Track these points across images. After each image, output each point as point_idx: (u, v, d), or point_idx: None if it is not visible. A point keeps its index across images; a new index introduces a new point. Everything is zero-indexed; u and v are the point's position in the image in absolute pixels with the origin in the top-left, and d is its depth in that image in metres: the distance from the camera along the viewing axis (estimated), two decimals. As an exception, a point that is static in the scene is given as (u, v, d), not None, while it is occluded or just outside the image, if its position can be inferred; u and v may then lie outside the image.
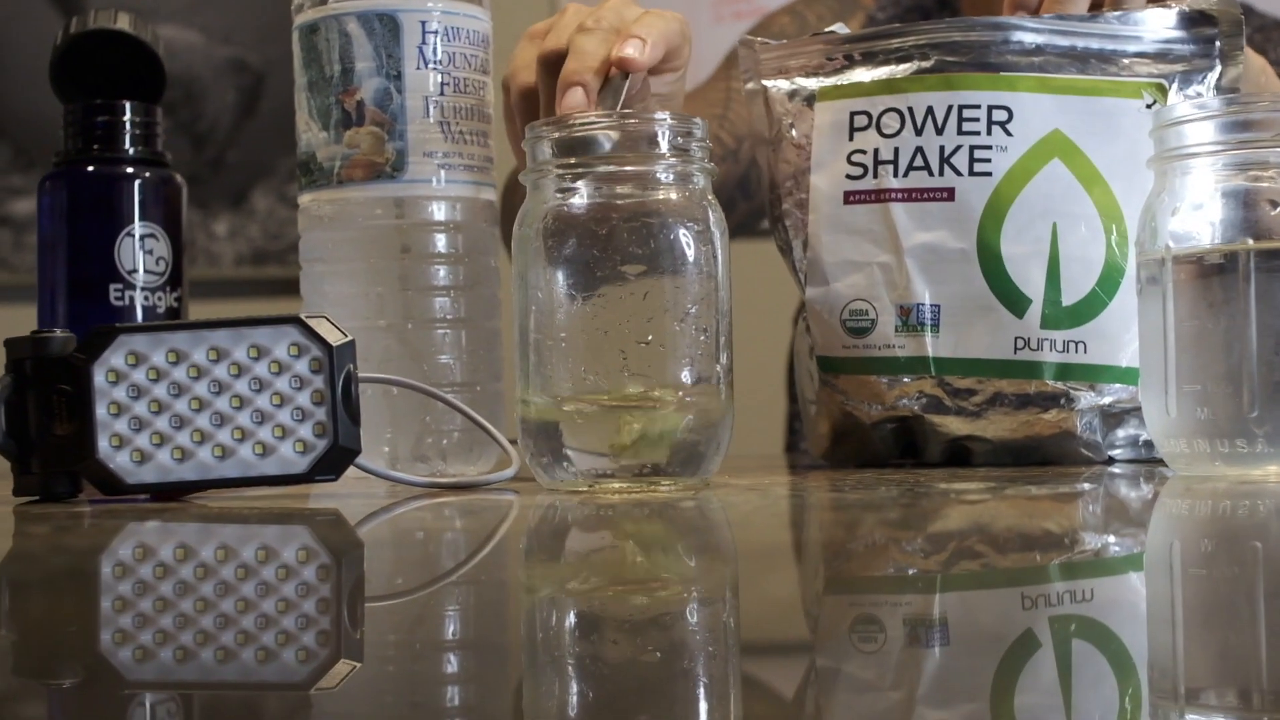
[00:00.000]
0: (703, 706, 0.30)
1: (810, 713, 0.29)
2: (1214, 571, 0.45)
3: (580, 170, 0.67)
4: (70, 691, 0.31)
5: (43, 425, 0.64)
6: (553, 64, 0.76)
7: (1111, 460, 0.80)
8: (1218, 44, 0.81)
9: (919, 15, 1.21)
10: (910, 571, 0.45)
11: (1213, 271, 0.66)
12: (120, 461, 0.64)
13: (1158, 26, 0.81)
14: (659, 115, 0.68)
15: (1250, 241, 0.65)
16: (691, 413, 0.66)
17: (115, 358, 0.64)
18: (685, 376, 0.66)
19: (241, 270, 2.41)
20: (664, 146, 0.67)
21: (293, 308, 0.79)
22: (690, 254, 0.66)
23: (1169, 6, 0.81)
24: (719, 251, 0.67)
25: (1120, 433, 0.79)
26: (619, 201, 0.66)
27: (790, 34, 1.19)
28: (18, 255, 2.43)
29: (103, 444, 0.63)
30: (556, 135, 0.67)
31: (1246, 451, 0.65)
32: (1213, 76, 0.81)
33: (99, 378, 0.64)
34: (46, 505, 0.65)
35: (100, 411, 0.63)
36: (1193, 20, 0.81)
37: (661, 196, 0.67)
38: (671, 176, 0.67)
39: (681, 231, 0.66)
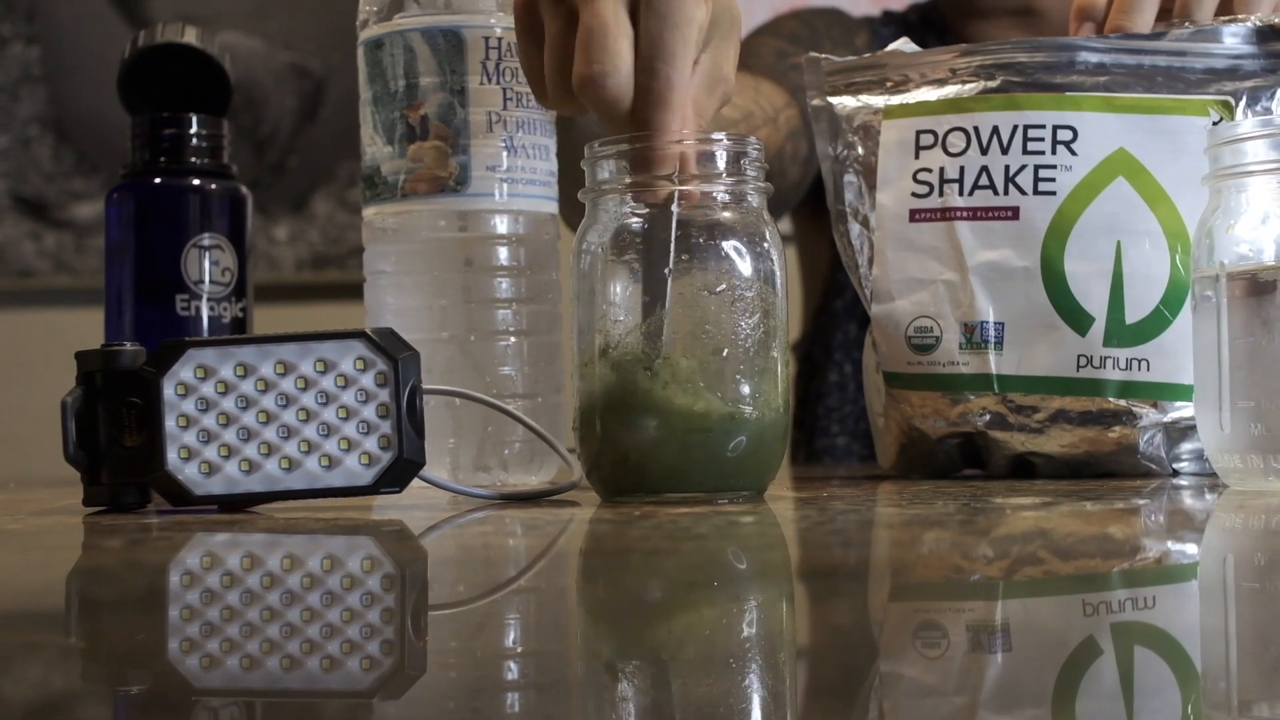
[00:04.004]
0: (766, 712, 0.30)
1: (874, 716, 0.29)
2: (1267, 585, 0.45)
3: (640, 189, 0.67)
4: (138, 698, 0.31)
5: (112, 437, 0.65)
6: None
7: (1176, 473, 0.80)
8: None
9: (898, 30, 1.22)
10: (972, 578, 0.45)
11: (1267, 289, 0.66)
12: (189, 473, 0.64)
13: (1227, 42, 0.80)
14: (716, 136, 0.68)
15: (1304, 259, 0.66)
16: (750, 427, 0.66)
17: (184, 371, 0.64)
18: (745, 390, 0.66)
19: (302, 275, 2.43)
20: (721, 166, 0.68)
21: (352, 312, 0.80)
22: (749, 270, 0.67)
23: (1237, 20, 0.81)
24: (776, 269, 0.68)
25: (1186, 446, 0.79)
26: (683, 219, 0.67)
27: (801, 37, 1.20)
28: (79, 259, 2.46)
29: (171, 456, 0.64)
30: (618, 154, 0.68)
31: None
32: (1283, 92, 0.80)
33: (168, 390, 0.64)
34: (115, 516, 0.65)
35: (169, 424, 0.64)
36: (1263, 35, 0.81)
37: (719, 215, 0.67)
38: (728, 196, 0.67)
39: (740, 249, 0.67)
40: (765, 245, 0.68)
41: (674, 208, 0.66)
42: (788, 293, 0.69)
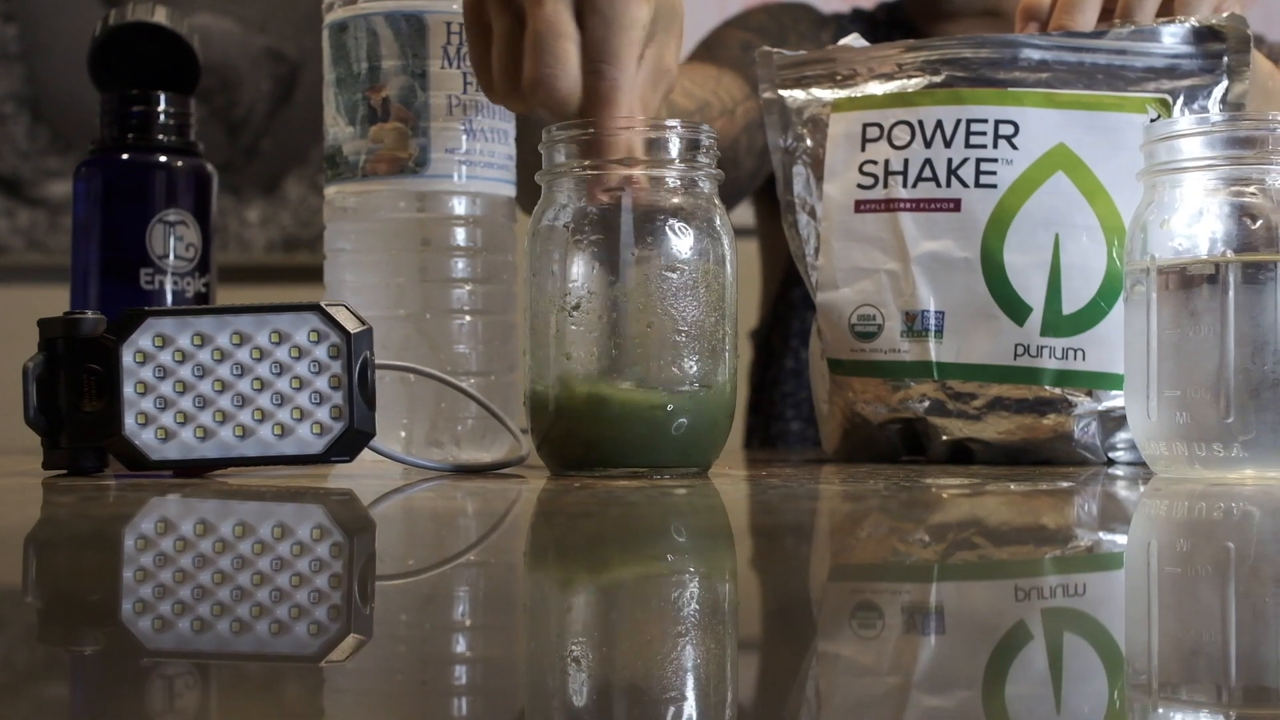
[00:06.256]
0: (705, 688, 0.31)
1: (810, 695, 0.30)
2: (1188, 569, 0.46)
3: (594, 174, 0.69)
4: (91, 658, 0.32)
5: (72, 402, 0.66)
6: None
7: (1111, 462, 0.82)
8: (1225, 59, 0.82)
9: (865, 27, 1.25)
10: (889, 560, 0.47)
11: (1195, 282, 0.68)
12: (145, 438, 0.66)
13: (1166, 41, 0.83)
14: (670, 123, 0.70)
15: (1230, 254, 0.68)
16: (695, 407, 0.68)
17: (143, 339, 0.66)
18: (692, 370, 0.68)
19: (272, 256, 2.44)
20: (674, 153, 0.70)
21: (321, 294, 0.81)
22: (698, 254, 0.69)
23: (1176, 21, 0.83)
24: (727, 251, 0.70)
25: (1121, 435, 0.81)
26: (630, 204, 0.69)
27: (769, 30, 1.22)
28: (52, 237, 2.46)
29: (129, 421, 0.66)
30: (572, 139, 0.70)
31: (1223, 455, 0.67)
32: (1219, 91, 0.82)
33: (127, 358, 0.66)
34: (73, 479, 0.67)
35: (128, 390, 0.66)
36: (1201, 35, 0.83)
37: (671, 200, 0.69)
38: (679, 181, 0.69)
39: (691, 233, 0.69)
40: (716, 230, 0.70)
41: (626, 193, 0.68)
42: (738, 277, 0.71)
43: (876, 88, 0.85)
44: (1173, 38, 0.82)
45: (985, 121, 0.82)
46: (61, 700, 0.30)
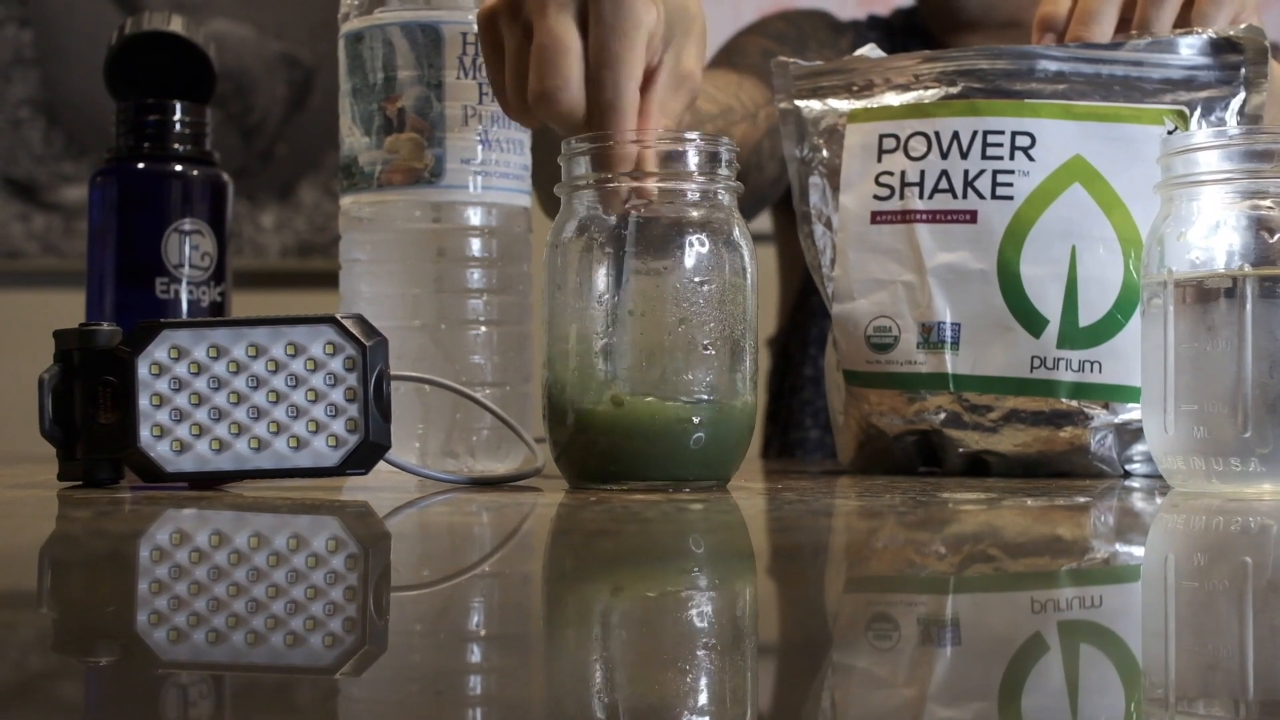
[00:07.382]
0: (721, 699, 0.31)
1: (826, 707, 0.30)
2: (1205, 584, 0.46)
3: (605, 186, 0.69)
4: (107, 669, 0.32)
5: (88, 414, 0.67)
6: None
7: (1128, 474, 0.81)
8: (1242, 71, 0.82)
9: (883, 34, 1.24)
10: (904, 573, 0.46)
11: (1212, 295, 0.68)
12: (160, 450, 0.66)
13: (1184, 53, 0.82)
14: (688, 135, 0.70)
15: (1248, 267, 0.67)
16: (714, 420, 0.68)
17: (159, 351, 0.66)
18: (711, 383, 0.68)
19: (287, 262, 2.44)
20: (692, 164, 0.69)
21: (335, 301, 0.81)
22: (718, 264, 0.69)
23: (1194, 32, 0.83)
24: (746, 264, 0.70)
25: (1137, 448, 0.81)
26: (650, 216, 0.69)
27: (788, 38, 1.22)
28: (67, 242, 2.47)
29: (144, 433, 0.66)
30: (589, 151, 0.70)
31: (1240, 470, 0.67)
32: (1236, 103, 0.82)
33: (143, 370, 0.66)
34: (89, 490, 0.67)
35: (143, 402, 0.66)
36: (1218, 47, 0.82)
37: (690, 213, 0.69)
38: (698, 194, 0.69)
39: (710, 245, 0.69)
40: (735, 241, 0.69)
41: (629, 205, 0.68)
42: (758, 289, 0.71)
43: (893, 98, 0.85)
44: (1190, 49, 0.82)
45: (1002, 133, 0.82)
46: (76, 710, 0.30)
